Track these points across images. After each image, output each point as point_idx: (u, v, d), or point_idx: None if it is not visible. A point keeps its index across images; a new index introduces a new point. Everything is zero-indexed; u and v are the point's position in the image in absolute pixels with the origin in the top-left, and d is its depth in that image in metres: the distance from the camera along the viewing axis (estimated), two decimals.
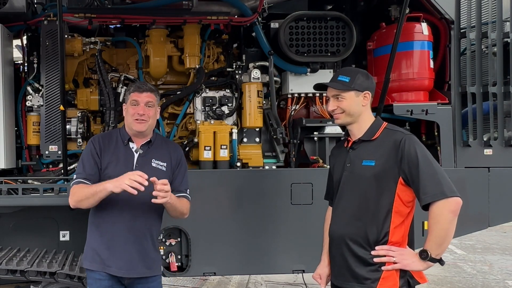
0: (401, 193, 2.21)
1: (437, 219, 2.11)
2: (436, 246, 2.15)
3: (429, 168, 2.14)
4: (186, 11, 3.55)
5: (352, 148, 2.37)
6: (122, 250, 2.55)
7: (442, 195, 2.10)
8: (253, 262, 3.51)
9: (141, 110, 2.58)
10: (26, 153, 3.68)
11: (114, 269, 2.55)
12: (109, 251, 2.55)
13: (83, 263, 2.63)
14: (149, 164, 2.61)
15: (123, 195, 2.39)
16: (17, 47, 3.91)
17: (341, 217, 2.37)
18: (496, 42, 3.61)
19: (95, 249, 2.59)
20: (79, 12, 3.47)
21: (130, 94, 2.65)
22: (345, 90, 2.31)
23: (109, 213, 2.57)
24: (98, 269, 2.57)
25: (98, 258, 2.57)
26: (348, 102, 2.31)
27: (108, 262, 2.55)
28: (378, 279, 2.21)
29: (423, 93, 3.70)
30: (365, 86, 2.33)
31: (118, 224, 2.55)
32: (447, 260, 7.68)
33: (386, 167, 2.22)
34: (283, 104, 3.87)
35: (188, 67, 3.70)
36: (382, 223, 2.22)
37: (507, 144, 3.60)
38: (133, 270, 2.57)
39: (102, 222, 2.59)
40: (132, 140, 2.65)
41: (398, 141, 2.21)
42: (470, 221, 3.62)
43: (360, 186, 2.29)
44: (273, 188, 3.50)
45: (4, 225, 3.55)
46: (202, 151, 3.52)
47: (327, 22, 3.65)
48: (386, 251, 2.21)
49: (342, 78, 2.33)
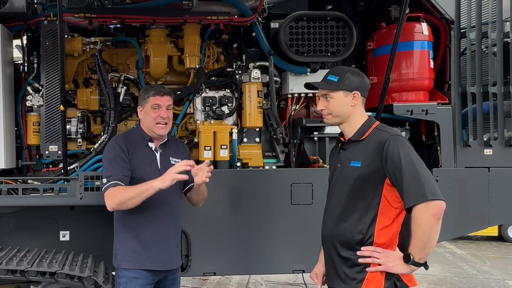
0: (388, 194, 2.19)
1: (418, 223, 2.08)
2: (419, 250, 2.11)
3: (412, 170, 2.10)
4: (186, 11, 3.55)
5: (343, 149, 2.37)
6: (163, 246, 2.73)
7: (423, 198, 2.06)
8: (253, 262, 3.52)
9: (164, 114, 2.75)
10: (26, 153, 3.68)
11: (157, 264, 2.71)
12: (149, 248, 2.70)
13: (121, 264, 2.74)
14: (169, 162, 2.78)
15: (157, 195, 2.56)
16: (17, 47, 3.91)
17: (329, 218, 2.37)
18: (496, 42, 3.61)
19: (134, 249, 2.71)
20: (79, 12, 3.47)
21: (149, 98, 2.76)
22: (333, 90, 2.30)
23: (145, 213, 2.68)
24: (138, 267, 2.69)
25: (138, 257, 2.70)
26: (336, 103, 2.30)
27: (149, 259, 2.69)
28: (363, 280, 2.20)
29: (423, 93, 3.70)
30: (355, 86, 2.30)
31: (157, 222, 2.72)
32: (447, 260, 7.68)
33: (372, 168, 2.20)
34: (283, 104, 3.87)
35: (188, 67, 3.69)
36: (367, 224, 2.21)
37: (507, 144, 3.60)
38: (173, 262, 2.81)
39: (139, 222, 2.71)
40: (151, 141, 2.80)
41: (383, 142, 2.18)
42: (470, 221, 3.63)
43: (347, 187, 2.28)
44: (273, 188, 3.50)
45: (4, 225, 3.56)
46: (202, 151, 3.52)
47: (327, 22, 3.65)
48: (371, 252, 2.19)
49: (331, 78, 2.32)
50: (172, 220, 2.79)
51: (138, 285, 2.69)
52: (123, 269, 2.73)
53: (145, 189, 2.52)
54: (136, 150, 2.75)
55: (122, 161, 2.68)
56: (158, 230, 2.73)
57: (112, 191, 2.60)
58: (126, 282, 2.70)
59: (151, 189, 2.52)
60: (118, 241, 2.78)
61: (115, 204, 2.59)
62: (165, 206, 2.73)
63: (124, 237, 2.75)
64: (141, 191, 2.53)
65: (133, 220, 2.71)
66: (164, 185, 2.49)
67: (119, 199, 2.57)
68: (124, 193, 2.56)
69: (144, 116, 2.80)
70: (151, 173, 2.67)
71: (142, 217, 2.69)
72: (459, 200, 3.53)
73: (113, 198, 2.59)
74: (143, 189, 2.53)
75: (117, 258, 2.76)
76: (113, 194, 2.59)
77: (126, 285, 2.70)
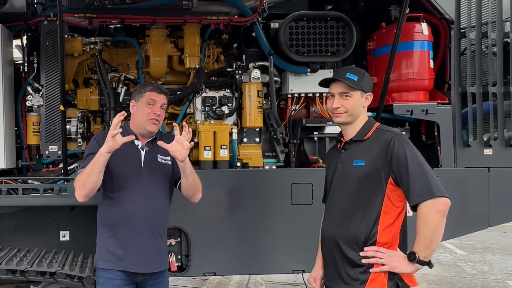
0: (391, 194, 2.20)
1: (424, 220, 2.09)
2: (424, 248, 2.11)
3: (418, 168, 2.12)
4: (186, 11, 3.54)
5: (344, 149, 2.37)
6: (139, 247, 2.61)
7: (431, 194, 2.07)
8: (253, 262, 3.51)
9: (158, 110, 2.67)
10: (26, 153, 3.68)
11: (132, 266, 2.60)
12: (126, 249, 2.60)
13: (97, 263, 2.67)
14: (156, 160, 2.70)
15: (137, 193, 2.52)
16: (17, 47, 3.91)
17: (331, 218, 2.37)
18: (496, 42, 3.61)
19: (109, 249, 2.63)
20: (79, 12, 3.47)
21: (145, 93, 2.68)
22: (354, 89, 2.29)
23: (122, 212, 2.61)
24: (113, 268, 2.60)
25: (113, 257, 2.61)
26: (353, 101, 2.30)
27: (124, 260, 2.60)
28: (366, 280, 2.19)
29: (423, 93, 3.70)
30: (369, 88, 2.34)
31: (133, 222, 2.61)
32: (447, 260, 7.68)
33: (376, 167, 2.20)
34: (283, 104, 3.87)
35: (188, 67, 3.69)
36: (371, 224, 2.21)
37: (507, 144, 3.60)
38: (150, 265, 2.65)
39: (115, 221, 2.63)
40: (137, 138, 2.70)
41: (387, 141, 2.20)
42: (470, 221, 3.62)
43: (350, 187, 2.28)
44: (273, 188, 3.50)
45: (4, 225, 3.55)
46: (202, 151, 3.52)
47: (327, 22, 3.64)
48: (374, 252, 2.19)
49: (350, 76, 2.29)
50: (150, 221, 2.64)
51: (114, 286, 2.60)
52: (99, 268, 2.65)
53: (94, 160, 2.44)
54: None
55: None
56: (133, 230, 2.60)
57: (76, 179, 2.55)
58: (103, 283, 2.63)
59: (99, 156, 2.43)
60: (97, 239, 2.70)
61: (80, 190, 2.50)
62: (142, 206, 2.62)
63: (101, 236, 2.68)
64: (92, 163, 2.45)
65: (110, 219, 2.64)
66: (106, 146, 2.39)
67: (80, 183, 2.49)
68: (81, 175, 2.50)
69: (136, 111, 2.70)
70: (131, 170, 2.61)
71: (118, 216, 2.62)
72: (459, 200, 3.53)
73: (78, 188, 2.51)
74: (93, 162, 2.45)
75: (95, 257, 2.70)
76: (76, 182, 2.53)
77: (103, 285, 2.63)
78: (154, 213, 2.66)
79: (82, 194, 2.52)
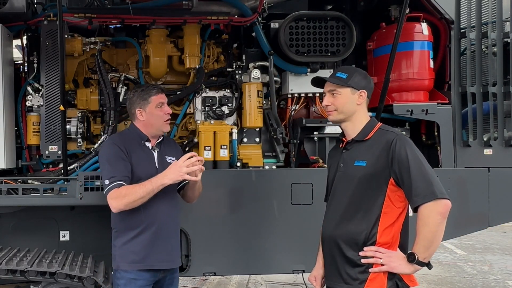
0: (392, 194, 2.20)
1: (425, 221, 2.09)
2: (424, 249, 2.12)
3: (420, 169, 2.12)
4: (186, 11, 3.54)
5: (345, 149, 2.37)
6: (164, 244, 2.72)
7: (432, 196, 2.08)
8: (253, 262, 3.51)
9: (168, 110, 2.82)
10: (26, 153, 3.68)
11: (157, 263, 2.70)
12: (150, 248, 2.68)
13: (119, 265, 2.71)
14: (165, 160, 2.80)
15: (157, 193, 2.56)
16: (17, 47, 3.91)
17: (332, 217, 2.37)
18: (496, 42, 3.61)
19: (132, 250, 2.68)
20: (79, 12, 3.47)
21: (151, 98, 2.77)
22: (341, 86, 2.31)
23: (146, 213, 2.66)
24: (136, 269, 2.66)
25: (136, 258, 2.67)
26: (342, 99, 2.31)
27: (149, 259, 2.67)
28: (365, 280, 2.20)
29: (423, 93, 3.70)
30: (362, 85, 2.33)
31: (157, 221, 2.69)
32: (447, 260, 7.69)
33: (377, 168, 2.21)
34: (283, 104, 3.87)
35: (188, 67, 3.69)
36: (371, 224, 2.21)
37: (507, 144, 3.59)
38: (173, 261, 2.82)
39: (139, 222, 2.68)
40: (148, 140, 2.80)
41: (389, 141, 2.20)
42: (470, 221, 3.62)
43: (351, 186, 2.28)
44: (273, 188, 3.49)
45: (4, 225, 3.55)
46: (202, 151, 3.52)
47: (327, 22, 3.64)
48: (374, 252, 2.19)
49: (339, 75, 2.34)
50: (172, 218, 2.80)
51: (137, 286, 2.67)
52: (121, 270, 2.71)
53: (156, 186, 2.53)
54: (134, 150, 2.73)
55: (123, 161, 2.66)
56: (159, 229, 2.70)
57: (119, 191, 2.55)
58: (125, 284, 2.68)
59: (161, 186, 2.54)
60: (117, 242, 2.75)
61: (123, 205, 2.55)
62: (166, 204, 2.72)
63: (121, 239, 2.72)
64: (151, 189, 2.53)
65: (133, 220, 2.68)
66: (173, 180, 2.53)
67: (128, 200, 2.54)
68: (134, 193, 2.53)
69: (149, 117, 2.76)
70: (149, 172, 2.67)
71: (142, 218, 2.67)
72: (459, 200, 3.53)
73: (121, 199, 2.54)
74: (153, 187, 2.53)
75: (116, 259, 2.74)
76: (120, 194, 2.55)
77: (125, 286, 2.69)
78: (174, 211, 2.81)
79: (122, 209, 2.59)
